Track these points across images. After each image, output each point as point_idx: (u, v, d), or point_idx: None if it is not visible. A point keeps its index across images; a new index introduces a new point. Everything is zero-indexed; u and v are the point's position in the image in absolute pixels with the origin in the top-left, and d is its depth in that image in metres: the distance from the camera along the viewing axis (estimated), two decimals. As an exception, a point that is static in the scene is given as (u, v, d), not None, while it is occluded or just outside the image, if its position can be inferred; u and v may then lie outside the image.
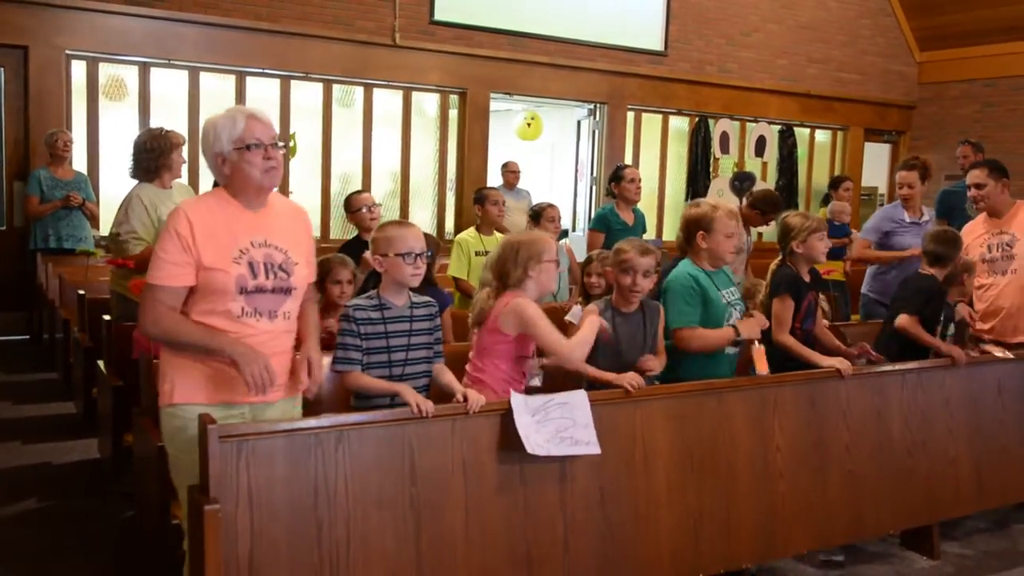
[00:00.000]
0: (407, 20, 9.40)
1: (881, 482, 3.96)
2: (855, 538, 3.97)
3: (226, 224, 2.74)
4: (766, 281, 4.21)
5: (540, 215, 5.81)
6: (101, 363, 4.36)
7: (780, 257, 4.22)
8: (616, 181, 6.41)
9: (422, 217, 10.14)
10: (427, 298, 3.27)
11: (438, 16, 9.56)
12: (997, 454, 4.40)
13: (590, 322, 3.35)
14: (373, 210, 5.26)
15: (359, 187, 9.61)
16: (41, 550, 3.89)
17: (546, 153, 13.16)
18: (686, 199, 11.43)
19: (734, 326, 3.77)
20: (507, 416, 3.06)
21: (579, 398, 3.22)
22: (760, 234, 10.94)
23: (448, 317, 4.44)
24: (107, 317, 4.45)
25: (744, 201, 6.40)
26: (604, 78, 10.66)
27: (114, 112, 8.48)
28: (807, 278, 4.14)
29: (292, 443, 2.73)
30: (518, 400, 3.10)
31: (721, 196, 10.55)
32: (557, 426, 3.16)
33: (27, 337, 8.12)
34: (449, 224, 10.22)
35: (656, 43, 10.95)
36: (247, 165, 2.74)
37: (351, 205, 5.34)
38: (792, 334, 4.02)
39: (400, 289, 3.15)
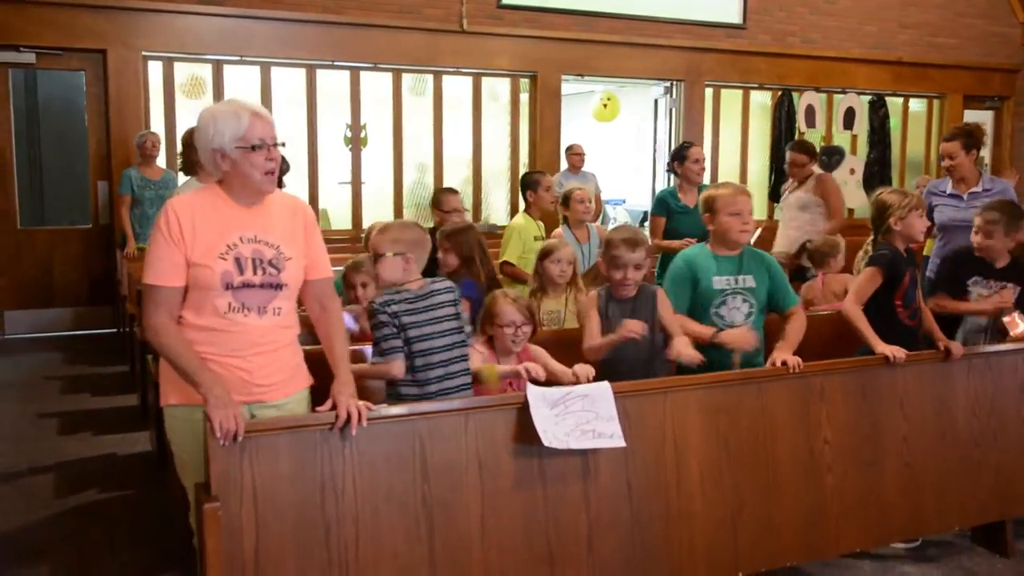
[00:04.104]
0: (474, 5, 9.30)
1: (944, 475, 3.70)
2: (914, 535, 3.72)
3: (216, 220, 2.69)
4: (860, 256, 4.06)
5: (568, 198, 5.59)
6: (150, 357, 4.45)
7: (873, 236, 4.04)
8: (679, 160, 6.02)
9: (496, 203, 10.08)
10: None
11: (505, 0, 9.45)
12: (1081, 444, 4.06)
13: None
14: (464, 215, 5.59)
15: (432, 176, 9.64)
16: (92, 542, 3.99)
17: (629, 134, 12.89)
18: (770, 176, 11.06)
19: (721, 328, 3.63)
20: (524, 409, 2.95)
21: (602, 390, 3.09)
22: (851, 211, 10.50)
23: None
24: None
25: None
26: (680, 55, 10.34)
27: (191, 110, 8.66)
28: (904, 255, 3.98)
29: (297, 440, 2.69)
30: (535, 392, 2.99)
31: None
32: (578, 419, 3.03)
33: (114, 331, 8.41)
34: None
35: (734, 16, 10.56)
36: (249, 167, 2.68)
37: (446, 204, 5.52)
38: (893, 312, 3.87)
39: None
